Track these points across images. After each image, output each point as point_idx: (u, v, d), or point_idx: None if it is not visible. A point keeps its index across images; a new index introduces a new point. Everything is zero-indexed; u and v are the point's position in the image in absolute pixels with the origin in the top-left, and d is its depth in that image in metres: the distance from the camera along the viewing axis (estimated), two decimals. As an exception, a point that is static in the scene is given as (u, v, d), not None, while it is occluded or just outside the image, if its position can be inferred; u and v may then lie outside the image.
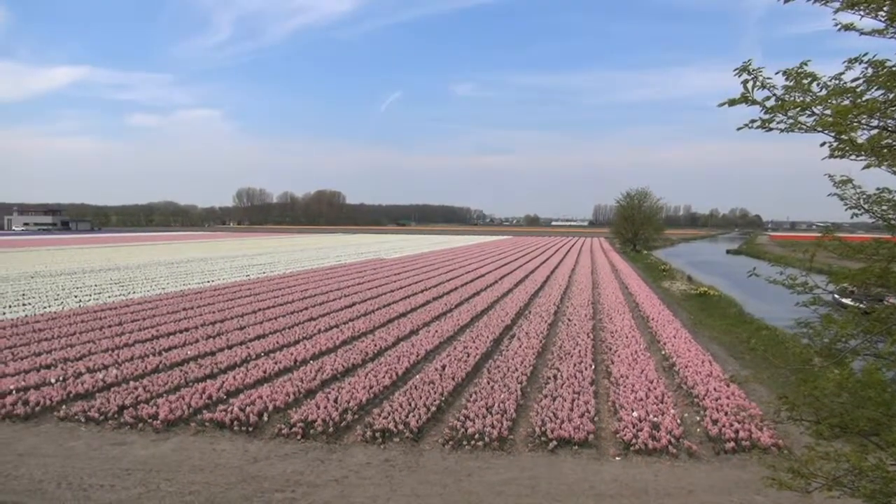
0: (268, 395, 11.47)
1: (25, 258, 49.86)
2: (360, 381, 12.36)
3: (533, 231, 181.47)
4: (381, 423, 10.06)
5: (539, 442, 9.69)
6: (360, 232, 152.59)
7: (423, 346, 15.82)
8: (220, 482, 8.29)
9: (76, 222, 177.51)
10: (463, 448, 9.52)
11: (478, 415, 10.46)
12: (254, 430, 10.18)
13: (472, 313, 21.28)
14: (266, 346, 15.70)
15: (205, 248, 66.99)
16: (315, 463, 8.97)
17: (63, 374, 12.93)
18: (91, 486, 8.15)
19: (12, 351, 15.13)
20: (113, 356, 14.55)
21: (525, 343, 16.26)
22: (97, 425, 10.47)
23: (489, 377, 12.94)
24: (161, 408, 10.71)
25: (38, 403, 11.15)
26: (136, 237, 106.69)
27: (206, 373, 13.23)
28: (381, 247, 73.33)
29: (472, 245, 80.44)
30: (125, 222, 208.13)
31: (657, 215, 77.41)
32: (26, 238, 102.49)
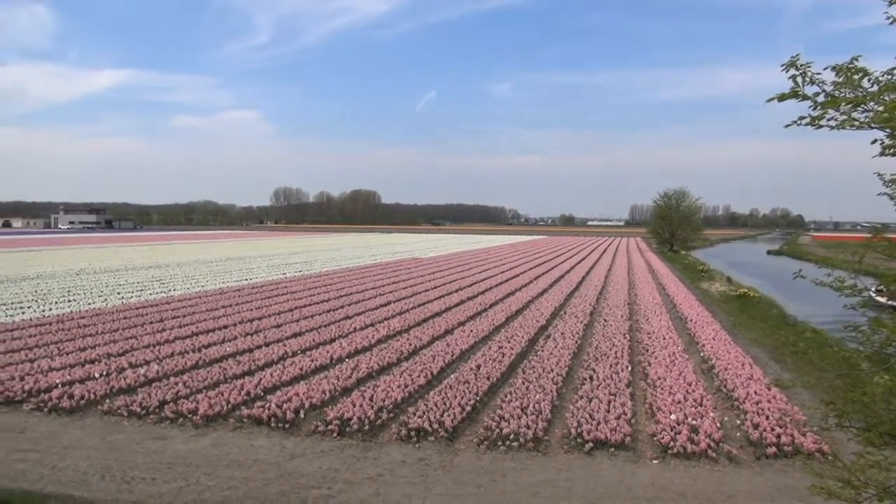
0: (304, 392, 11.58)
1: (71, 256, 51.24)
2: (395, 380, 12.40)
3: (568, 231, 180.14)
4: (416, 422, 10.07)
5: (575, 443, 9.60)
6: (395, 231, 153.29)
7: (458, 345, 15.81)
8: (257, 478, 8.40)
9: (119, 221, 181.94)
10: (498, 448, 9.48)
11: (513, 415, 10.41)
12: (290, 427, 10.28)
13: (506, 313, 21.20)
14: (302, 344, 15.86)
15: (243, 247, 68.01)
16: (351, 460, 9.02)
17: (106, 369, 13.23)
18: (133, 479, 8.32)
19: (58, 346, 15.55)
20: (154, 352, 14.86)
21: (560, 343, 16.14)
22: (139, 419, 10.69)
23: (524, 377, 12.87)
24: (200, 403, 10.89)
25: (83, 397, 11.43)
26: (177, 236, 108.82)
27: (244, 369, 13.42)
28: (416, 246, 73.58)
29: (507, 245, 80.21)
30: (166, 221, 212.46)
31: (695, 215, 76.16)
32: (71, 236, 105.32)
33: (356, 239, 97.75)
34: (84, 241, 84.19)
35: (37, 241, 79.89)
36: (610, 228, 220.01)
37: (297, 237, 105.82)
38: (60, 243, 75.41)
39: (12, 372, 12.92)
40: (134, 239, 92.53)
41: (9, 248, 63.61)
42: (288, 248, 65.33)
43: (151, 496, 7.83)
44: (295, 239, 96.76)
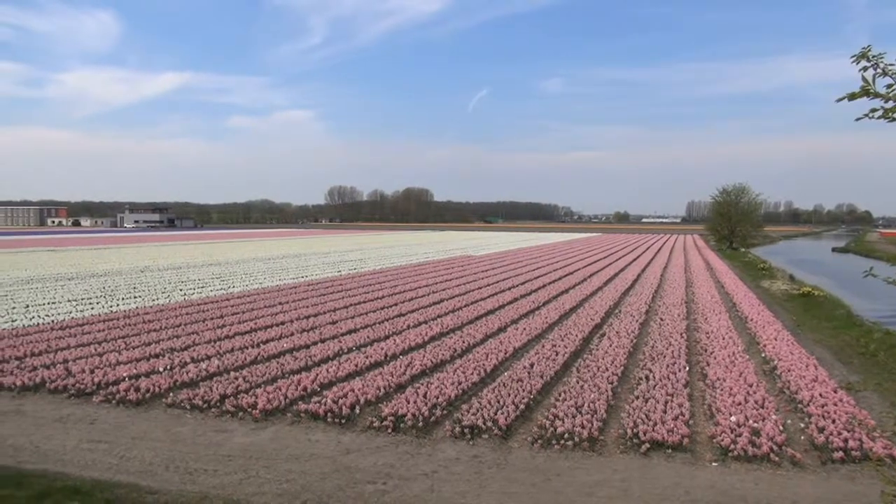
0: (359, 388, 11.74)
1: (136, 253, 53.14)
2: (448, 377, 12.46)
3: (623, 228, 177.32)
4: (470, 420, 10.10)
5: (631, 444, 9.46)
6: (447, 229, 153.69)
7: (512, 343, 15.77)
8: (314, 471, 8.56)
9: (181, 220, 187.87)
10: (552, 447, 9.43)
11: (567, 414, 10.33)
12: (346, 422, 10.44)
13: (560, 311, 21.03)
14: (357, 341, 16.07)
15: (299, 245, 69.28)
16: (405, 456, 9.10)
17: (170, 364, 13.69)
18: (196, 471, 8.59)
19: (125, 340, 16.16)
20: (215, 347, 15.29)
21: (615, 342, 15.92)
22: (201, 412, 11.02)
23: (578, 376, 12.76)
24: (259, 398, 11.16)
25: (148, 390, 11.85)
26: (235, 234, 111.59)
27: (301, 365, 13.68)
28: (468, 244, 73.61)
29: (560, 242, 79.49)
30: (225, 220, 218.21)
31: (756, 211, 73.88)
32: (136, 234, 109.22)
33: (409, 237, 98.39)
34: (148, 239, 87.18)
35: (104, 240, 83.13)
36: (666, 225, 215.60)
37: (351, 235, 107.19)
38: (126, 241, 78.27)
39: (83, 365, 13.50)
40: (195, 237, 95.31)
41: (79, 246, 66.38)
42: (342, 246, 66.24)
43: (213, 487, 8.07)
44: (349, 237, 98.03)
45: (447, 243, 74.73)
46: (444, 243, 74.78)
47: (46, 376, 12.66)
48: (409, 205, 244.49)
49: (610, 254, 54.23)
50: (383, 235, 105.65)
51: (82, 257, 48.13)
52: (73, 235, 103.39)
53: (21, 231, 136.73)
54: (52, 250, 57.78)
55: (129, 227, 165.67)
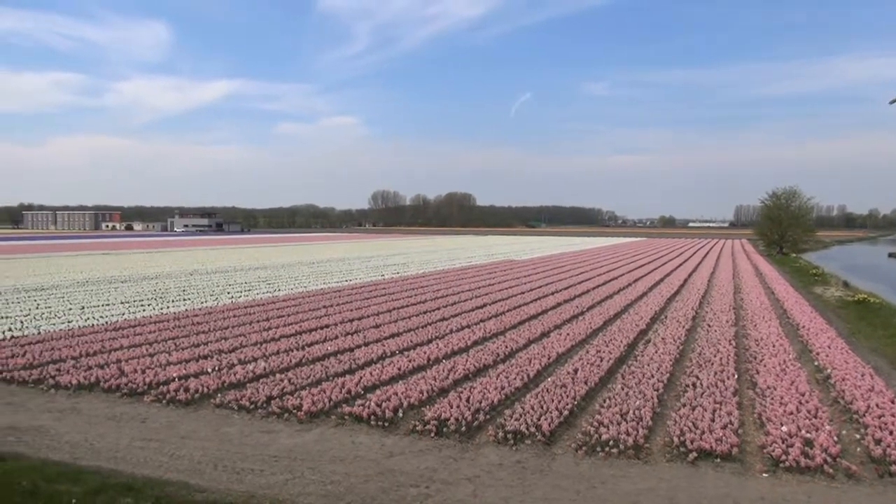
0: (402, 391, 11.80)
1: (185, 257, 54.47)
2: (491, 382, 12.43)
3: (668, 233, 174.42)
4: (513, 425, 10.05)
5: (677, 452, 9.28)
6: (490, 233, 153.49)
7: (555, 348, 15.65)
8: (358, 473, 8.63)
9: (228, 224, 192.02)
10: (596, 454, 9.31)
11: (612, 421, 10.20)
12: (389, 425, 10.50)
13: (604, 317, 20.79)
14: (400, 344, 16.16)
15: (343, 249, 70.05)
16: (448, 461, 9.11)
17: (218, 365, 13.98)
18: (243, 470, 8.75)
19: (175, 342, 16.56)
20: (261, 349, 15.56)
21: (661, 349, 15.67)
22: (248, 413, 11.22)
23: (623, 383, 12.59)
24: (304, 400, 11.30)
25: (197, 391, 12.12)
26: (281, 238, 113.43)
27: (344, 368, 13.82)
28: (511, 248, 73.38)
29: (604, 247, 78.62)
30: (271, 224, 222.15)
31: (807, 216, 71.94)
32: (185, 238, 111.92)
33: (451, 241, 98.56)
34: (197, 243, 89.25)
35: (155, 244, 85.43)
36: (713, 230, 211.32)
37: (394, 239, 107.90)
38: (176, 245, 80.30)
39: (135, 365, 13.89)
40: (242, 241, 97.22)
41: (132, 249, 68.36)
42: (385, 250, 66.73)
43: (260, 487, 8.20)
44: (392, 241, 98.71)
45: (490, 248, 74.61)
46: (486, 248, 74.67)
47: (100, 376, 13.06)
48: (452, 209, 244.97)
49: (655, 258, 53.40)
50: (426, 240, 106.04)
51: (135, 260, 49.55)
52: (126, 239, 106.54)
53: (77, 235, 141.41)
54: (106, 254, 59.64)
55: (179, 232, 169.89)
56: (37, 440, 9.93)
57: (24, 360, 14.39)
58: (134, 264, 45.22)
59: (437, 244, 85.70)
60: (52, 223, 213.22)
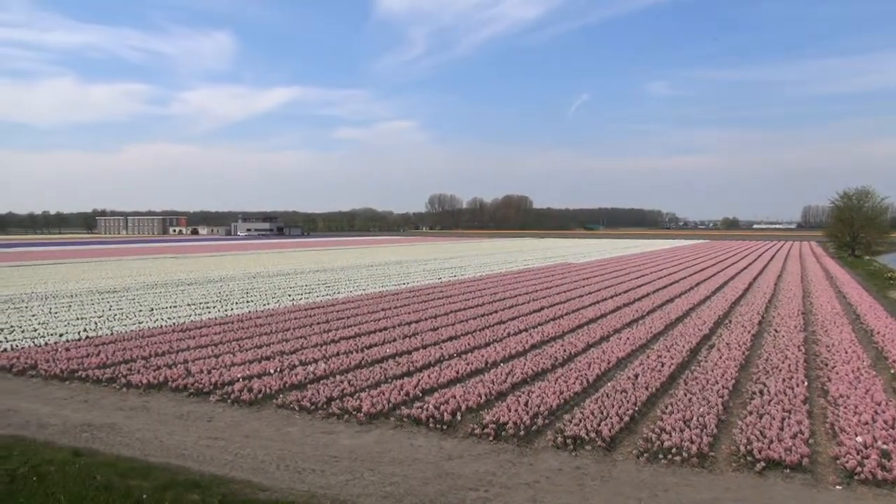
0: (460, 394, 11.80)
1: (248, 260, 55.92)
2: (550, 386, 12.31)
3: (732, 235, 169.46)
4: (573, 430, 9.93)
5: (744, 461, 8.99)
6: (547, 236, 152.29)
7: (615, 353, 15.40)
8: (417, 476, 8.67)
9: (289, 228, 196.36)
10: (658, 461, 9.11)
11: (674, 428, 9.96)
12: (448, 429, 10.52)
13: (665, 321, 20.34)
14: (458, 348, 16.18)
15: (400, 252, 70.66)
16: (507, 465, 9.06)
17: (280, 366, 14.28)
18: (304, 470, 8.91)
19: (239, 343, 17.00)
20: (321, 351, 15.82)
21: (726, 354, 15.22)
22: (309, 414, 11.42)
23: (686, 389, 12.28)
24: (364, 401, 11.43)
25: (260, 391, 12.41)
26: (340, 241, 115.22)
27: (403, 370, 13.92)
28: (568, 251, 72.65)
29: (664, 249, 76.99)
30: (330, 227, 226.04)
31: (881, 216, 68.72)
32: (248, 242, 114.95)
33: (508, 244, 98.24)
34: (259, 246, 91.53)
35: (220, 247, 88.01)
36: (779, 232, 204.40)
37: (451, 242, 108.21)
38: (239, 249, 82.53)
39: (201, 366, 14.33)
40: (302, 245, 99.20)
41: (197, 253, 70.60)
42: (442, 253, 66.99)
43: (321, 487, 8.33)
44: (449, 244, 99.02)
45: (547, 250, 74.03)
46: (543, 250, 74.13)
47: (169, 375, 13.52)
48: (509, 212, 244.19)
49: (718, 261, 51.98)
50: (483, 243, 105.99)
51: (200, 264, 51.16)
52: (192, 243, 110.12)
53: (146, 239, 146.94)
54: (173, 257, 61.78)
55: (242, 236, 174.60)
56: (110, 437, 10.35)
57: (98, 360, 15.03)
58: (199, 267, 46.71)
59: (494, 247, 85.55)
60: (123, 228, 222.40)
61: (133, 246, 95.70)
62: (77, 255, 65.34)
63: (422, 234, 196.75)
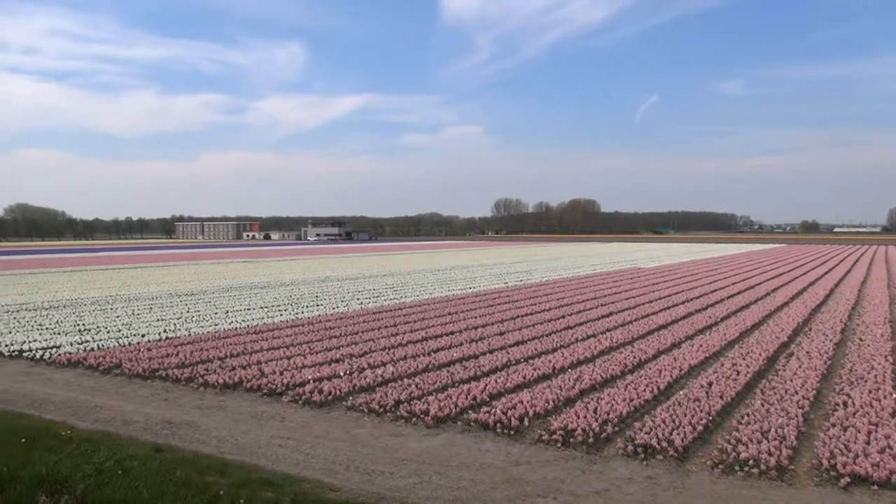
0: (528, 400, 11.72)
1: (318, 264, 57.16)
2: (619, 393, 12.09)
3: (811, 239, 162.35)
4: (643, 438, 9.72)
5: (827, 476, 8.59)
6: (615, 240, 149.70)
7: (686, 360, 14.99)
8: (485, 481, 8.66)
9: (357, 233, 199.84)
10: (734, 473, 8.81)
11: (751, 439, 9.61)
12: (515, 434, 10.46)
13: (740, 328, 19.67)
14: (525, 352, 16.08)
15: (466, 257, 70.79)
16: (575, 472, 8.94)
17: (349, 368, 14.53)
18: (373, 472, 9.02)
19: (309, 345, 17.39)
20: (389, 354, 16.01)
21: (806, 363, 14.60)
22: (377, 416, 11.57)
23: (763, 399, 11.84)
24: (431, 405, 11.50)
25: (330, 393, 12.65)
26: (406, 246, 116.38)
27: (470, 375, 13.94)
28: (637, 255, 71.20)
29: (738, 254, 74.47)
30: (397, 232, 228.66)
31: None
32: (318, 247, 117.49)
33: (575, 248, 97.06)
34: (328, 251, 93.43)
35: (290, 252, 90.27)
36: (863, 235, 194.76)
37: (517, 247, 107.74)
38: (309, 253, 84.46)
39: (274, 367, 14.72)
40: (370, 249, 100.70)
41: (269, 258, 72.63)
42: (508, 258, 66.76)
43: (389, 489, 8.42)
44: (514, 248, 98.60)
45: (615, 255, 72.77)
46: (611, 255, 72.90)
47: (243, 376, 13.95)
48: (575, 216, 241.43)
49: (797, 266, 49.92)
50: (549, 247, 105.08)
51: (272, 268, 52.60)
52: (265, 248, 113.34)
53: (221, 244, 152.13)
54: (246, 261, 63.76)
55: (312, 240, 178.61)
56: (188, 434, 10.76)
57: (177, 360, 15.66)
58: (271, 271, 48.04)
59: (561, 251, 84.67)
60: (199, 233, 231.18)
61: (209, 250, 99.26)
62: (157, 259, 68.27)
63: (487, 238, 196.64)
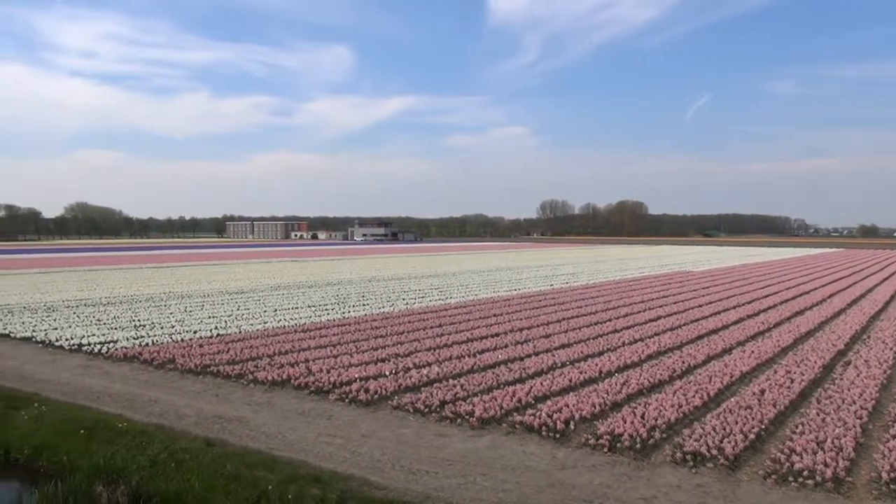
0: (574, 403, 11.62)
1: (364, 264, 57.72)
2: (667, 399, 11.89)
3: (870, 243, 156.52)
4: (692, 446, 9.53)
5: (887, 490, 8.29)
6: (663, 243, 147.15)
7: (738, 366, 14.65)
8: (530, 483, 8.62)
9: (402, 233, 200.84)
10: (788, 484, 8.57)
11: (806, 449, 9.34)
12: (561, 437, 10.39)
13: (794, 334, 19.11)
14: (570, 356, 15.95)
15: (511, 258, 70.55)
16: (622, 478, 8.83)
17: (395, 368, 14.64)
18: (419, 472, 9.07)
19: (356, 344, 17.57)
20: (434, 355, 16.06)
21: (864, 372, 14.11)
22: (422, 416, 11.62)
23: (819, 408, 11.49)
24: (476, 406, 11.50)
25: (376, 392, 12.76)
26: (452, 247, 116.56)
27: (515, 377, 13.89)
28: (686, 258, 69.86)
29: (792, 259, 72.38)
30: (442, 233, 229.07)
31: None
32: (364, 247, 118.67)
33: (622, 251, 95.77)
34: (374, 251, 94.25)
35: (337, 252, 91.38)
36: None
37: (563, 249, 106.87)
38: (356, 253, 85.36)
39: (321, 365, 14.93)
40: (415, 250, 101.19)
41: (316, 257, 73.64)
42: (554, 260, 66.29)
43: (434, 489, 8.46)
44: (560, 250, 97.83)
45: (663, 258, 71.53)
46: (659, 258, 71.69)
47: (291, 374, 14.18)
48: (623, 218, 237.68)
49: (854, 272, 48.26)
50: (595, 249, 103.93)
51: (319, 268, 53.33)
52: (312, 248, 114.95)
53: (270, 243, 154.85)
54: (294, 261, 64.80)
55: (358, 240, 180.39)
56: (238, 429, 11.00)
57: (227, 357, 16.02)
58: (319, 271, 48.70)
59: (607, 254, 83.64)
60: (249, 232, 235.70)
61: (258, 249, 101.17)
62: (208, 258, 69.92)
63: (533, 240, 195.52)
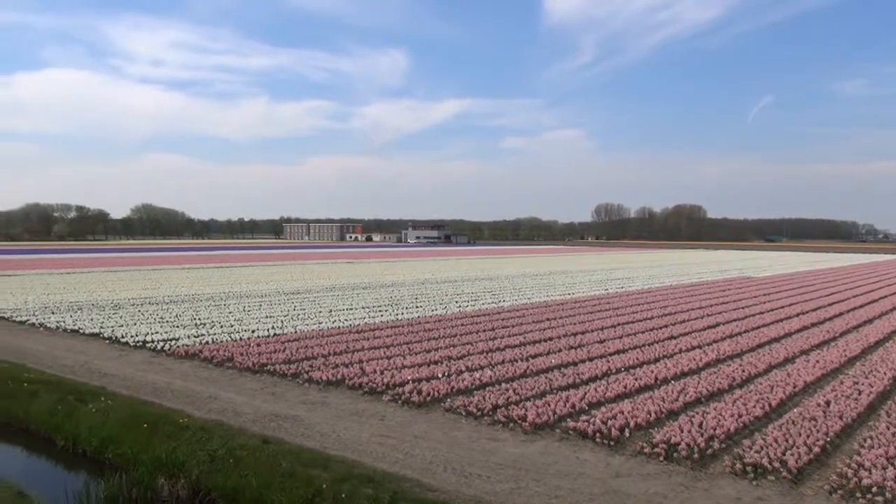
0: (629, 410, 11.43)
1: (417, 267, 58.08)
2: (726, 408, 11.57)
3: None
4: (753, 457, 9.25)
5: (963, 509, 7.88)
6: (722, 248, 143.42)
7: (801, 376, 14.15)
8: (583, 491, 8.51)
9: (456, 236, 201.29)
10: (855, 500, 8.22)
11: (875, 465, 8.95)
12: (615, 445, 10.22)
13: (862, 344, 18.36)
14: (626, 362, 15.69)
15: (565, 262, 69.89)
16: (679, 488, 8.63)
17: (447, 371, 14.66)
18: (470, 475, 9.06)
19: (409, 346, 17.68)
20: (487, 358, 16.03)
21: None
22: (475, 419, 11.61)
23: (889, 421, 11.01)
24: (529, 411, 11.42)
25: (429, 394, 12.81)
26: (505, 250, 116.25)
27: (568, 382, 13.74)
28: (746, 264, 67.91)
29: (861, 265, 69.57)
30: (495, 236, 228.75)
31: None
32: (418, 249, 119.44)
33: (679, 255, 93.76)
34: (427, 254, 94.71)
35: (391, 254, 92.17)
36: None
37: (618, 253, 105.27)
38: (409, 256, 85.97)
39: (375, 366, 15.09)
40: (468, 252, 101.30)
41: (371, 259, 74.49)
42: (609, 264, 65.38)
43: (486, 493, 8.44)
44: (615, 254, 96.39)
45: (722, 263, 69.71)
46: (718, 263, 69.89)
47: (346, 374, 14.37)
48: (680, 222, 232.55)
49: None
50: (651, 254, 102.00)
51: (373, 269, 53.89)
52: (366, 250, 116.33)
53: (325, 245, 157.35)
54: (349, 262, 65.67)
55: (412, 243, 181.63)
56: (294, 428, 11.20)
57: (283, 356, 16.34)
58: (372, 273, 49.23)
59: (664, 258, 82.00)
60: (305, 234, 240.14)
61: (314, 251, 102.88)
62: (266, 259, 71.50)
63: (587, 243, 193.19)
